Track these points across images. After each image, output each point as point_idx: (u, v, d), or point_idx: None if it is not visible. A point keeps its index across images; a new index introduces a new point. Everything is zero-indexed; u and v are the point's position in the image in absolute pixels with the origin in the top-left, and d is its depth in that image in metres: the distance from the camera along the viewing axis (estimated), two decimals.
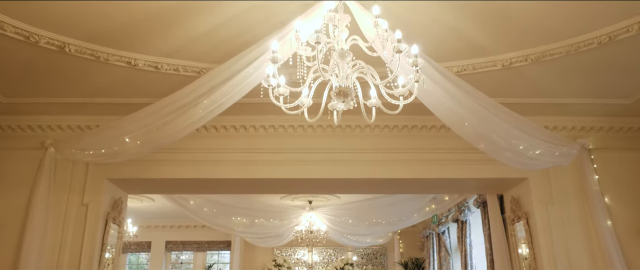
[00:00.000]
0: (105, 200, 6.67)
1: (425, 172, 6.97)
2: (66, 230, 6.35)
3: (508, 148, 5.13)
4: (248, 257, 13.35)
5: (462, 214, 9.82)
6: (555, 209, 6.77)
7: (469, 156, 6.96)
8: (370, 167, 6.96)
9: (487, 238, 8.57)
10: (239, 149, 6.91)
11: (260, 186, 7.33)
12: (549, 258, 6.51)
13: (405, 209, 9.84)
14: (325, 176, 6.93)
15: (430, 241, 12.06)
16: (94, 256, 6.30)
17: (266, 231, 11.07)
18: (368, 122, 6.55)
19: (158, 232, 14.14)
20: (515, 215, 7.19)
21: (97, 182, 6.63)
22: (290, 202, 10.99)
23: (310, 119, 3.85)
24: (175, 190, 7.69)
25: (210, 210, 9.50)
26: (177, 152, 6.79)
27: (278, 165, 6.90)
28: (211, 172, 6.82)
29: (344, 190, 7.97)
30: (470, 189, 7.78)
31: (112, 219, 6.68)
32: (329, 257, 13.60)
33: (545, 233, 6.63)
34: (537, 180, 6.91)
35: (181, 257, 14.73)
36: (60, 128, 6.74)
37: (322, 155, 6.95)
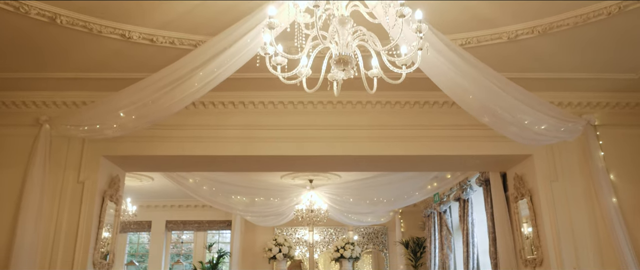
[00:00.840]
0: (101, 177, 6.56)
1: (427, 149, 6.84)
2: (62, 208, 6.25)
3: (513, 122, 4.99)
4: (249, 237, 13.30)
5: (464, 193, 9.72)
6: (560, 186, 6.66)
7: (472, 133, 6.84)
8: (370, 144, 6.83)
9: (490, 216, 8.47)
10: (238, 126, 6.78)
11: (259, 163, 7.22)
12: (553, 236, 6.42)
13: (407, 187, 9.72)
14: (325, 153, 6.81)
15: (432, 220, 11.99)
16: (90, 234, 6.21)
17: (266, 210, 10.98)
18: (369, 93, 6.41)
19: (158, 211, 14.09)
20: (519, 193, 7.09)
21: (93, 159, 6.52)
22: (290, 181, 10.89)
23: (309, 90, 3.70)
24: (174, 168, 7.58)
25: (209, 189, 9.40)
26: (175, 128, 6.69)
27: (277, 142, 6.78)
28: (209, 149, 6.70)
29: (344, 168, 7.86)
30: (473, 166, 7.65)
31: (109, 197, 6.58)
32: (330, 237, 13.55)
33: (549, 210, 6.53)
34: (542, 157, 6.80)
35: (182, 237, 14.72)
36: (55, 104, 6.61)
37: (321, 132, 6.82)
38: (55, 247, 6.07)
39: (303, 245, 13.35)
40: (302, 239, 13.39)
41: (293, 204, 11.00)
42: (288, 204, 11.00)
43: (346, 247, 12.19)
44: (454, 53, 4.24)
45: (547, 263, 6.41)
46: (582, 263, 6.28)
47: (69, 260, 6.05)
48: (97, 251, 6.25)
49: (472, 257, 9.53)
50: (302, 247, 13.34)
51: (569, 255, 6.32)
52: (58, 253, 6.06)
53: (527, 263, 6.84)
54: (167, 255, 14.14)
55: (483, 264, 9.74)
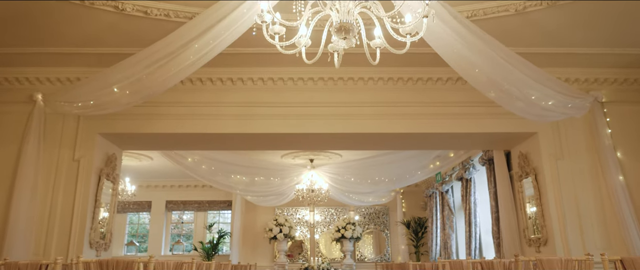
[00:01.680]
0: (97, 155, 6.44)
1: (430, 126, 6.70)
2: (57, 187, 6.14)
3: (520, 97, 4.84)
4: (249, 217, 13.22)
5: (466, 172, 9.60)
6: (565, 163, 6.54)
7: (476, 110, 6.71)
8: (373, 122, 6.69)
9: (493, 196, 8.36)
10: (236, 103, 6.64)
11: (258, 142, 7.08)
12: (558, 214, 6.31)
13: (409, 166, 9.58)
14: (326, 131, 6.67)
15: (433, 200, 11.89)
16: (87, 213, 6.10)
17: (267, 190, 10.86)
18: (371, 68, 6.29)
19: (158, 191, 14.00)
20: (523, 171, 6.96)
21: (88, 137, 6.38)
22: (291, 160, 10.76)
23: (309, 61, 3.53)
24: (171, 146, 7.44)
25: (208, 168, 9.26)
26: (172, 106, 6.55)
27: (277, 120, 6.63)
28: (207, 126, 6.57)
29: (346, 147, 7.71)
30: (477, 144, 7.51)
31: (105, 175, 6.46)
32: (331, 217, 13.47)
33: (554, 189, 6.42)
34: (547, 135, 6.66)
35: (183, 217, 14.67)
36: (49, 80, 6.45)
37: (322, 109, 6.68)
38: (50, 227, 5.97)
39: (304, 226, 13.27)
40: (303, 220, 13.31)
41: (293, 183, 10.87)
42: (288, 183, 10.87)
43: (347, 227, 12.12)
44: (461, 24, 4.06)
45: (551, 242, 6.30)
46: (588, 242, 6.18)
47: (64, 239, 5.95)
48: (93, 230, 6.14)
49: (474, 236, 9.43)
50: (303, 227, 13.27)
51: (574, 235, 6.22)
52: (53, 232, 5.96)
53: (531, 242, 6.74)
54: (168, 235, 14.10)
55: (485, 244, 9.66)
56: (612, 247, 6.08)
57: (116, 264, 3.16)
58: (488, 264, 3.61)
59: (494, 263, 3.60)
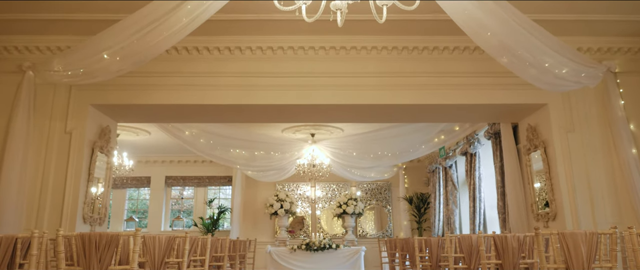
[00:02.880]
0: (90, 127, 6.21)
1: (436, 97, 6.45)
2: (49, 160, 5.93)
3: (534, 64, 4.57)
4: (250, 193, 13.05)
5: (471, 147, 9.37)
6: (576, 136, 6.31)
7: (484, 81, 6.45)
8: (376, 93, 6.43)
9: (499, 170, 8.15)
10: (234, 73, 6.38)
11: (257, 113, 6.81)
12: (568, 188, 6.10)
13: (413, 140, 9.34)
14: (327, 102, 6.42)
15: (437, 176, 11.70)
16: (79, 187, 5.89)
17: (267, 164, 10.63)
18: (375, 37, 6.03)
19: (157, 167, 13.81)
20: (532, 145, 6.73)
21: (80, 108, 6.15)
22: (292, 135, 10.53)
23: (309, 19, 3.26)
24: (167, 119, 7.19)
25: (207, 142, 9.01)
26: (167, 76, 6.30)
27: (276, 91, 6.38)
28: (204, 97, 6.32)
29: (348, 119, 7.45)
30: (484, 116, 7.25)
31: (99, 148, 6.24)
32: (332, 193, 13.29)
33: (564, 162, 6.20)
34: (557, 106, 6.41)
35: (184, 193, 14.51)
36: (39, 49, 6.19)
37: (324, 79, 6.42)
38: (42, 201, 5.78)
39: (305, 202, 13.11)
40: (304, 195, 13.13)
41: (294, 158, 10.64)
42: (289, 158, 10.64)
43: (349, 202, 11.95)
44: None
45: (561, 217, 6.10)
46: (599, 217, 5.98)
47: (57, 214, 5.76)
48: (87, 205, 5.94)
49: (479, 212, 9.25)
50: (304, 203, 13.10)
51: (584, 209, 6.02)
52: (45, 207, 5.77)
53: (539, 217, 6.54)
54: (168, 211, 13.96)
55: (490, 219, 9.49)
56: (624, 222, 5.86)
57: (99, 238, 2.95)
58: (501, 238, 3.40)
59: (508, 238, 3.39)
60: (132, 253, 2.71)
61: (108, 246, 2.90)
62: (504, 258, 3.35)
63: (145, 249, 3.41)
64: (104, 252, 2.91)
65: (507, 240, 3.35)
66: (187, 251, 3.47)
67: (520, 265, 3.39)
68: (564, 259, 2.78)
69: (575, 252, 2.73)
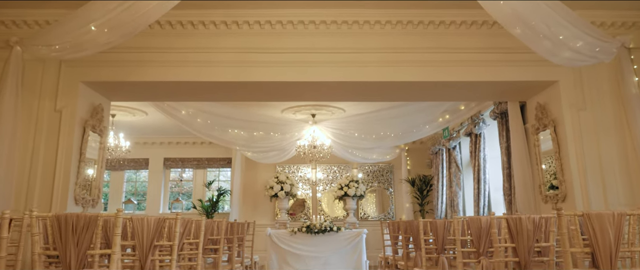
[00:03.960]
0: (81, 105, 5.96)
1: (441, 74, 6.18)
2: (38, 139, 5.69)
3: (548, 36, 4.30)
4: (249, 175, 12.85)
5: (476, 127, 9.13)
6: (588, 115, 6.06)
7: (492, 57, 6.19)
8: (379, 69, 6.17)
9: (505, 151, 7.91)
10: (231, 49, 6.11)
11: (255, 91, 6.54)
12: (579, 169, 5.86)
13: (416, 120, 9.07)
14: (328, 79, 6.15)
15: (440, 157, 11.48)
16: (71, 167, 5.66)
17: (267, 145, 10.39)
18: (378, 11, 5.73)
19: (155, 148, 13.59)
20: (541, 124, 6.47)
21: (71, 85, 5.89)
22: (292, 115, 10.28)
23: None
24: (162, 97, 6.93)
25: (204, 122, 8.75)
26: (161, 52, 6.04)
27: (275, 67, 6.11)
28: (200, 74, 6.05)
29: (350, 97, 7.17)
30: (491, 95, 6.98)
31: (91, 127, 6.00)
32: (334, 175, 13.09)
33: (575, 142, 5.96)
34: (568, 83, 6.15)
35: (183, 176, 14.31)
36: (27, 24, 5.93)
37: (324, 55, 6.15)
38: (31, 181, 5.56)
39: (306, 184, 12.91)
40: (305, 177, 12.93)
41: (294, 139, 10.41)
42: (289, 139, 10.41)
43: (350, 185, 11.73)
44: None
45: (571, 198, 5.88)
46: (610, 197, 5.76)
47: (47, 195, 5.54)
48: (78, 186, 5.71)
49: (483, 194, 9.05)
50: (305, 185, 12.91)
51: (596, 190, 5.79)
52: (35, 187, 5.55)
53: (548, 199, 6.32)
54: (166, 194, 13.78)
55: (494, 201, 9.29)
56: (637, 203, 5.64)
57: (77, 219, 2.71)
58: (515, 220, 3.17)
59: (522, 219, 3.16)
60: (114, 236, 2.49)
61: (86, 228, 2.67)
62: (518, 241, 3.12)
63: (134, 232, 3.19)
64: (82, 234, 2.68)
65: (522, 222, 3.12)
66: (178, 233, 3.25)
67: (534, 249, 3.16)
68: (588, 243, 2.55)
69: (602, 235, 2.50)
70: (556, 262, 3.33)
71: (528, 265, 3.12)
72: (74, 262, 2.63)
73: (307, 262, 10.41)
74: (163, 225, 3.27)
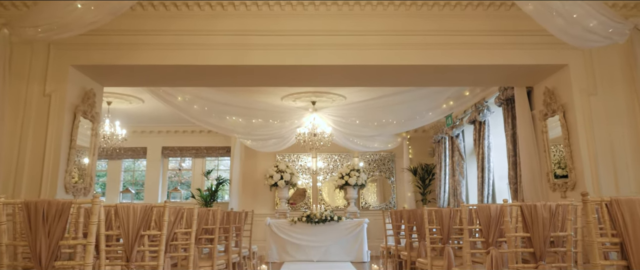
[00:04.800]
0: (71, 90, 5.72)
1: (446, 58, 5.94)
2: (26, 124, 5.47)
3: (561, 13, 4.07)
4: (249, 164, 12.66)
5: (480, 114, 8.90)
6: (599, 100, 5.82)
7: (499, 40, 5.96)
8: (381, 53, 5.93)
9: (510, 138, 7.69)
10: (228, 31, 5.87)
11: (253, 76, 6.31)
12: (590, 155, 5.64)
13: (419, 107, 8.81)
14: (329, 62, 5.91)
15: (442, 146, 11.26)
16: (60, 153, 5.44)
17: (266, 133, 10.14)
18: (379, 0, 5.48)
19: (153, 137, 13.37)
20: (549, 109, 6.24)
21: (60, 69, 5.66)
22: (291, 103, 10.04)
23: None
24: (156, 81, 6.67)
25: (201, 108, 8.51)
26: (155, 35, 5.81)
27: (273, 51, 5.87)
28: (196, 58, 5.82)
29: (352, 82, 6.92)
30: (497, 79, 6.73)
31: (82, 113, 5.77)
32: (334, 164, 12.88)
33: (585, 127, 5.73)
34: (579, 67, 5.91)
35: (183, 165, 14.12)
36: (14, 6, 5.68)
37: (325, 38, 5.91)
38: (20, 168, 5.34)
39: (306, 173, 12.70)
40: (305, 167, 12.72)
41: (294, 127, 10.17)
42: (289, 126, 10.17)
43: (351, 174, 11.51)
44: None
45: (581, 186, 5.66)
46: (622, 186, 5.54)
47: (36, 182, 5.32)
48: (68, 173, 5.49)
49: (488, 182, 8.83)
50: (306, 175, 12.70)
51: (607, 177, 5.58)
52: (23, 174, 5.33)
53: (556, 187, 6.10)
54: (165, 183, 13.58)
55: (499, 190, 9.09)
56: None
57: (48, 206, 2.49)
58: (530, 208, 2.94)
59: (538, 207, 2.93)
60: (90, 224, 2.26)
61: (59, 216, 2.45)
62: (533, 230, 2.89)
63: (119, 221, 2.97)
64: (54, 223, 2.46)
65: (537, 210, 2.89)
66: (166, 222, 3.03)
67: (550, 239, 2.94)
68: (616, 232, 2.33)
69: (633, 222, 2.28)
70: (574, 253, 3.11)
71: (544, 256, 2.90)
72: (44, 254, 2.41)
73: (307, 252, 10.23)
74: (150, 214, 3.06)
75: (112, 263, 3.14)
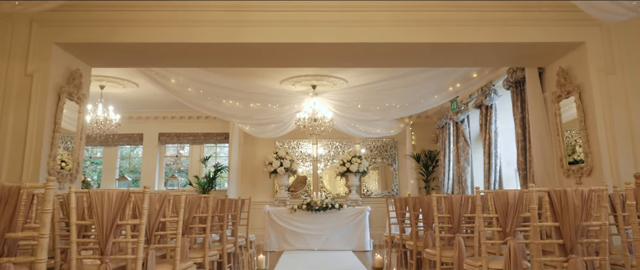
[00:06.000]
0: (55, 69, 5.36)
1: (454, 35, 5.57)
2: (7, 105, 5.13)
3: None
4: (248, 150, 12.33)
5: (487, 98, 8.54)
6: (618, 79, 5.48)
7: (511, 16, 5.60)
8: (386, 30, 5.56)
9: (519, 122, 7.34)
10: (222, 6, 5.51)
11: (249, 55, 5.93)
12: (608, 139, 5.29)
13: (425, 89, 8.41)
14: (331, 40, 5.53)
15: (446, 131, 10.91)
16: (43, 137, 5.09)
17: (265, 117, 9.76)
18: None
19: (150, 123, 13.02)
20: (563, 91, 5.88)
21: (43, 47, 5.30)
22: (291, 87, 9.67)
23: None
24: (147, 62, 6.28)
25: (196, 91, 8.12)
26: (144, 10, 5.44)
27: (271, 27, 5.51)
28: (187, 35, 5.45)
29: (354, 62, 6.52)
30: (508, 59, 6.33)
31: (67, 94, 5.41)
32: (335, 150, 12.55)
33: (603, 109, 5.38)
34: (596, 45, 5.55)
35: (181, 152, 13.78)
36: None
37: (327, 14, 5.54)
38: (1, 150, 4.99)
39: (307, 160, 12.36)
40: (306, 154, 12.37)
41: (294, 111, 9.81)
42: (288, 111, 9.80)
43: (353, 160, 11.17)
44: None
45: (598, 172, 5.32)
46: None
47: (17, 167, 4.99)
48: (52, 158, 5.15)
49: (494, 169, 8.50)
50: (306, 162, 12.36)
51: (626, 162, 5.24)
52: (3, 158, 5.00)
53: (571, 173, 5.76)
54: (162, 170, 13.24)
55: (506, 177, 8.76)
56: None
57: None
58: (559, 194, 2.60)
59: (568, 193, 2.59)
60: (42, 213, 1.93)
61: (4, 204, 2.10)
62: (563, 219, 2.55)
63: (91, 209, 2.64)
64: (0, 212, 2.12)
65: (568, 196, 2.56)
66: (146, 210, 2.69)
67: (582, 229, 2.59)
68: None
69: None
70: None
71: (575, 248, 2.56)
72: None
73: (307, 240, 9.93)
74: (128, 201, 2.72)
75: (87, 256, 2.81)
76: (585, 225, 2.59)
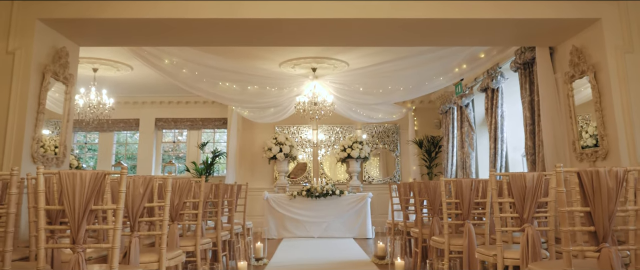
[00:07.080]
0: (39, 48, 5.05)
1: (462, 10, 5.24)
2: None
3: None
4: (247, 136, 12.04)
5: (493, 81, 8.23)
6: (636, 58, 5.17)
7: None
8: (389, 5, 5.23)
9: (528, 105, 7.04)
10: None
11: (246, 32, 5.60)
12: (624, 121, 5.00)
13: (430, 71, 8.08)
14: (332, 16, 5.21)
15: (450, 116, 10.60)
16: (26, 118, 4.79)
17: (263, 101, 9.45)
18: None
19: (146, 108, 12.71)
20: (577, 70, 5.57)
21: (26, 23, 4.98)
22: (290, 69, 9.35)
23: None
24: (137, 40, 5.94)
25: (190, 73, 7.80)
26: None
27: (270, 2, 5.17)
28: (179, 10, 5.12)
29: (356, 40, 6.18)
30: (518, 37, 6.00)
31: (52, 74, 5.11)
32: (336, 136, 12.25)
33: (621, 89, 5.08)
34: (613, 22, 5.24)
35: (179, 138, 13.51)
36: None
37: None
38: None
39: (306, 146, 12.07)
40: (306, 139, 12.08)
41: (293, 95, 9.50)
42: (287, 94, 9.50)
43: (354, 146, 10.88)
44: None
45: (614, 155, 5.03)
46: None
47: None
48: (36, 141, 4.85)
49: (501, 154, 8.22)
50: (306, 147, 12.07)
51: None
52: None
53: (584, 157, 5.47)
54: (159, 156, 12.97)
55: (512, 162, 8.48)
56: None
57: None
58: (590, 175, 2.31)
59: (601, 173, 2.31)
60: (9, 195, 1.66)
61: None
62: (594, 203, 2.27)
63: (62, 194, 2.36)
64: None
65: (600, 178, 2.27)
66: (123, 194, 2.41)
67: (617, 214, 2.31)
68: None
69: None
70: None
71: (607, 236, 2.28)
72: None
73: (307, 227, 9.68)
74: (103, 184, 2.45)
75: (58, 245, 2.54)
76: (621, 210, 2.31)
